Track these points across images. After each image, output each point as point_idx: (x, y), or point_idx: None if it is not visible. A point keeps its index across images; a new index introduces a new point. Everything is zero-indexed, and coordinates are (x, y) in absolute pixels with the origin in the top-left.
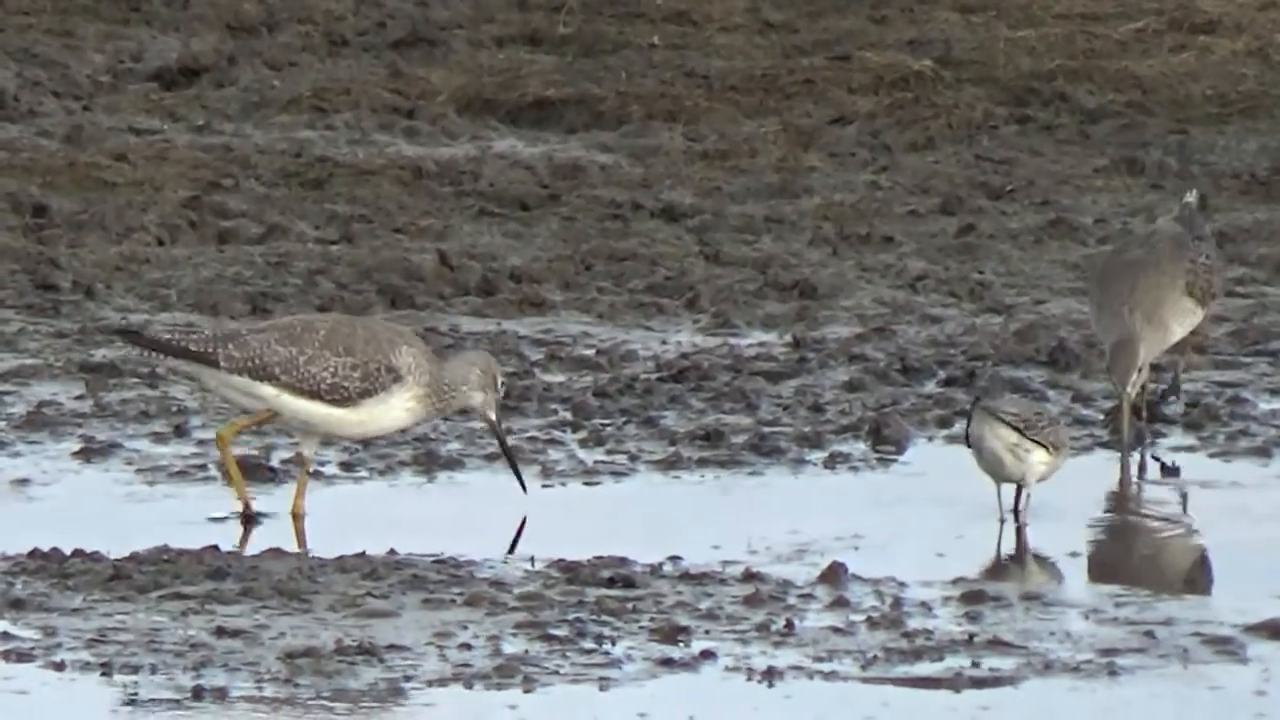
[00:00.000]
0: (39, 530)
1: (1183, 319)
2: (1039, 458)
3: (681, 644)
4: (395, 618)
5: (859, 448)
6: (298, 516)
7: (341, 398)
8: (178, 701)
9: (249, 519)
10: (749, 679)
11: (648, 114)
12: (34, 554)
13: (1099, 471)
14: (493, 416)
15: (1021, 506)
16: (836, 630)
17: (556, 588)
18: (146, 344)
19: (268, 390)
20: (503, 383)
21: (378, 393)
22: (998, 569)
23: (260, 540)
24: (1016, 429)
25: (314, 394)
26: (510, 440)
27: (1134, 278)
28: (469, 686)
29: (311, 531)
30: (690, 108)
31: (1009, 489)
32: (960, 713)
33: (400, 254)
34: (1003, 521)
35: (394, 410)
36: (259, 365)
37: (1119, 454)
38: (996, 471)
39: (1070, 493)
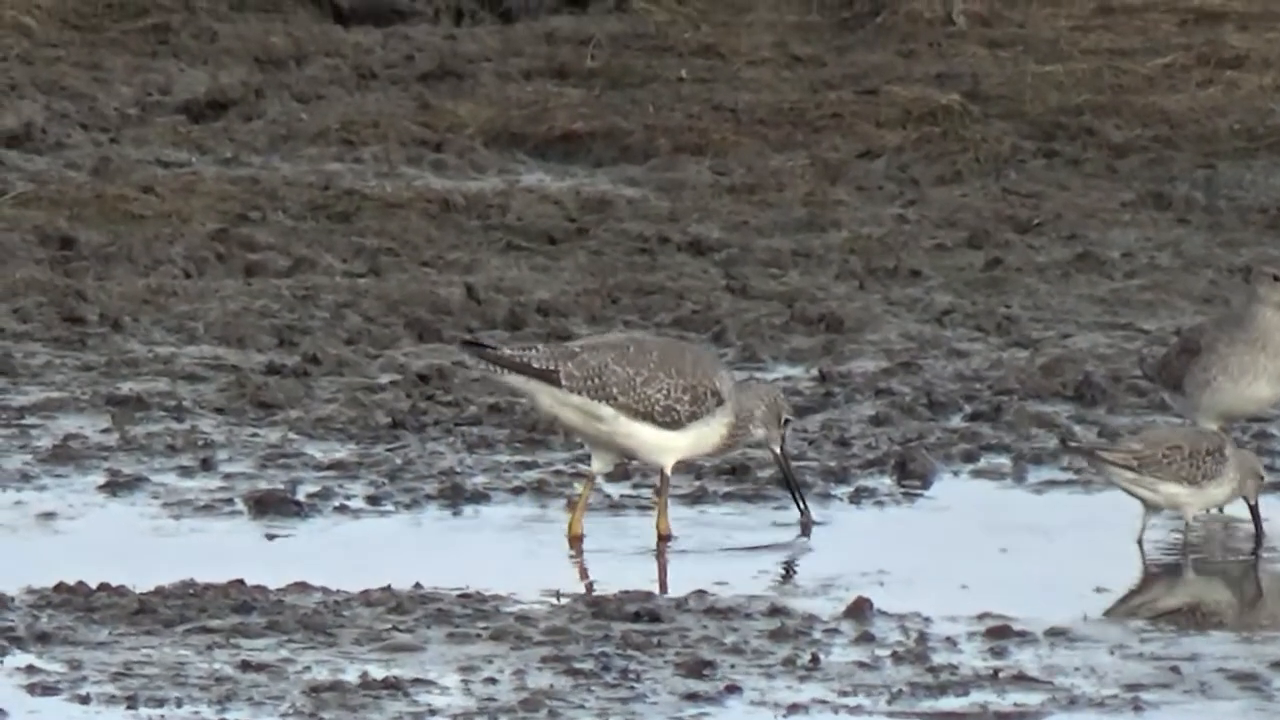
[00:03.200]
0: (65, 563)
1: None
2: (1172, 490)
3: (707, 678)
4: (421, 652)
5: (885, 482)
6: (664, 537)
7: (672, 420)
8: None
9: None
10: (774, 713)
11: (675, 147)
12: (60, 587)
13: (1125, 505)
14: (777, 450)
15: (1139, 534)
16: (862, 665)
17: (582, 621)
18: (491, 359)
19: (606, 410)
20: (787, 419)
21: (703, 415)
22: (1023, 604)
23: (285, 574)
24: (1129, 467)
25: (648, 416)
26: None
27: None
28: None
29: (336, 565)
30: (718, 141)
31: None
32: None
33: (428, 287)
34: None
35: (713, 435)
36: (599, 385)
37: None
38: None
39: (1097, 526)
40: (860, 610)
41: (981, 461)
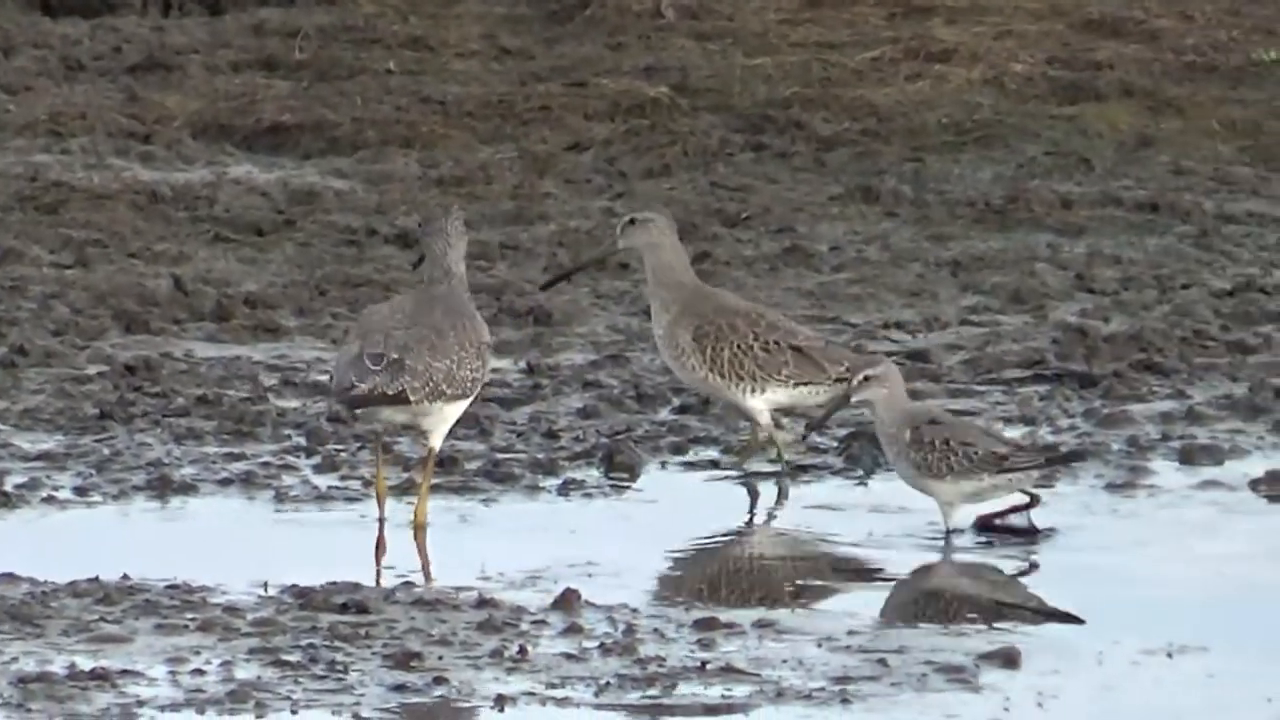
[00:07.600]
0: None
1: None
2: None
3: (415, 670)
4: (128, 643)
5: (593, 474)
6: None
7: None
8: None
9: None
10: (482, 705)
11: (383, 140)
12: None
13: (828, 499)
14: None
15: None
16: (570, 657)
17: (290, 613)
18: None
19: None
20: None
21: None
22: (731, 597)
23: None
24: None
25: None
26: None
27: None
28: (201, 712)
29: (44, 556)
30: (426, 134)
31: None
32: None
33: (135, 279)
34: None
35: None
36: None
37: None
38: None
39: (807, 518)
40: (568, 602)
41: (690, 454)
